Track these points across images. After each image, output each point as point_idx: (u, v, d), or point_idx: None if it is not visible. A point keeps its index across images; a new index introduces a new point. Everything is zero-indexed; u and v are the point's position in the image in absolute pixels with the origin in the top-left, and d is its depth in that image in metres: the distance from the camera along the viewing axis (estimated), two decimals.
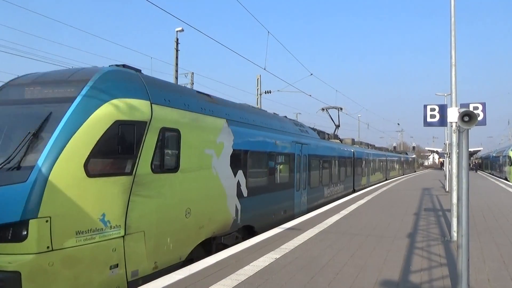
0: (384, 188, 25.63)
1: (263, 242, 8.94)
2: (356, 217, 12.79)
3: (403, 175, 53.18)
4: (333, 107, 25.65)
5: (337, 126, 25.42)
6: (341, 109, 25.58)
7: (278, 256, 7.65)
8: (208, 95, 9.58)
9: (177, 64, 25.48)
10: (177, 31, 25.50)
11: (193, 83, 29.63)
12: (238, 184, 9.81)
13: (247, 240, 9.12)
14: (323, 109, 25.48)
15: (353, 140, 28.15)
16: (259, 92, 34.56)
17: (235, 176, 9.64)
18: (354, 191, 24.77)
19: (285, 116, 15.77)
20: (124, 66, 7.55)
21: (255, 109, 13.20)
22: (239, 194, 9.85)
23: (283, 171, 13.03)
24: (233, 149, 9.61)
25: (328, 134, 22.67)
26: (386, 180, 39.07)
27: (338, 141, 23.98)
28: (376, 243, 9.02)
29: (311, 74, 27.29)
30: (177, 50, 25.55)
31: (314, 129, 18.86)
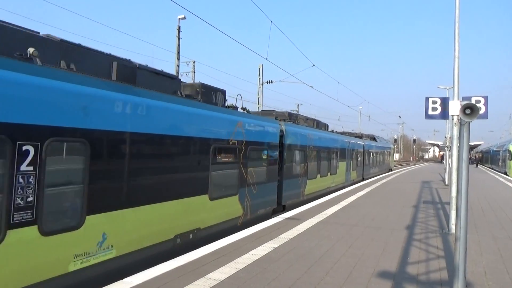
0: (383, 181, 25.65)
1: (262, 231, 8.99)
2: (355, 208, 12.83)
3: (363, 179, 28.41)
4: None
5: None
6: None
7: (276, 246, 7.69)
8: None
9: (178, 52, 25.37)
10: (179, 19, 25.35)
11: (194, 72, 29.55)
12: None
13: (246, 229, 9.18)
14: None
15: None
16: (260, 82, 34.52)
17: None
18: None
19: None
20: None
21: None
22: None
23: None
24: None
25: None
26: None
27: None
28: (374, 234, 9.06)
29: (314, 65, 27.24)
30: (179, 38, 25.42)
31: None
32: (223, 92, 10.65)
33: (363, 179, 28.43)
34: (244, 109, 12.18)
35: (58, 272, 5.45)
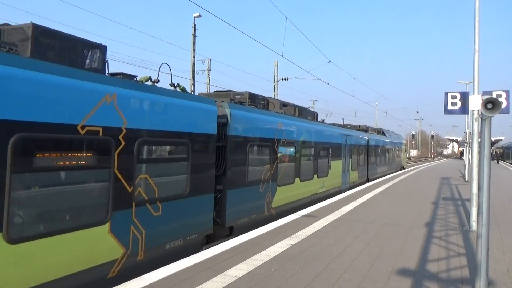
0: (401, 177, 25.34)
1: (279, 228, 8.99)
2: (373, 205, 12.72)
3: (367, 180, 24.17)
4: None
5: None
6: None
7: (294, 243, 7.68)
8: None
9: (194, 50, 25.50)
10: (194, 17, 25.48)
11: (210, 69, 29.67)
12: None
13: (264, 226, 9.19)
14: None
15: None
16: (276, 79, 34.48)
17: None
18: None
19: None
20: None
21: None
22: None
23: None
24: None
25: None
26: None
27: None
28: (393, 231, 8.96)
29: (330, 61, 27.10)
30: (194, 36, 25.54)
31: None
32: (100, 48, 6.54)
33: (367, 180, 23.80)
34: (176, 86, 8.16)
35: None
